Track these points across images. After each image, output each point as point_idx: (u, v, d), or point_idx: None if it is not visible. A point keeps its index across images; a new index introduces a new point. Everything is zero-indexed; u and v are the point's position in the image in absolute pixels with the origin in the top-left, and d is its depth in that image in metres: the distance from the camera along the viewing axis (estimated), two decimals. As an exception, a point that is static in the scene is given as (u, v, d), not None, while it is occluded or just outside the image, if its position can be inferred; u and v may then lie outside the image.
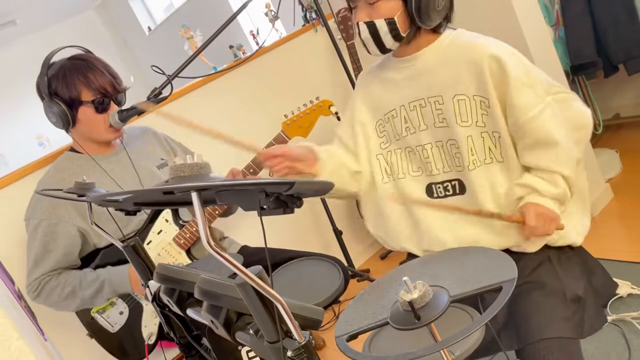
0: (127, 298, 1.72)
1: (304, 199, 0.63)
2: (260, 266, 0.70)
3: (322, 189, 0.61)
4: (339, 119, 2.12)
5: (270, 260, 1.84)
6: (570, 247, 1.23)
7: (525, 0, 2.20)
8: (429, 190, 1.30)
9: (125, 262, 1.65)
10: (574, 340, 1.08)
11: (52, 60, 1.64)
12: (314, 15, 2.75)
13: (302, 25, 2.79)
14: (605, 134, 2.90)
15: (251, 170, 1.86)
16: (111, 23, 9.80)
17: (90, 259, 1.73)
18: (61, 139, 3.59)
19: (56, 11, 8.41)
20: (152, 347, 1.73)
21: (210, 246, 0.59)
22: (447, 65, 1.23)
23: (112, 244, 1.64)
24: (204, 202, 0.62)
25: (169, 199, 0.66)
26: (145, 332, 1.72)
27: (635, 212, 2.26)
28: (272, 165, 1.30)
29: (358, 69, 2.58)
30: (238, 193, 0.60)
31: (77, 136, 1.73)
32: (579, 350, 1.09)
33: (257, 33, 2.65)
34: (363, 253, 2.89)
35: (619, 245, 2.08)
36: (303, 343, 0.67)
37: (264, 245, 1.96)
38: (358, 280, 2.51)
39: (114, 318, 1.70)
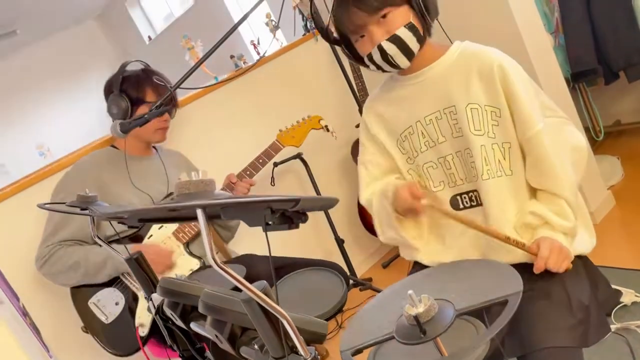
0: (124, 289, 1.75)
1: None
2: (265, 281, 0.70)
3: (327, 205, 0.61)
4: (327, 130, 2.21)
5: (274, 266, 1.87)
6: (577, 257, 1.23)
7: (525, 8, 2.21)
8: (454, 202, 1.29)
9: (135, 240, 1.79)
10: (577, 350, 1.08)
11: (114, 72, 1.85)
12: (313, 25, 2.76)
13: (303, 35, 2.80)
14: (606, 140, 2.90)
15: (247, 173, 2.03)
16: (111, 32, 9.85)
17: None
18: (62, 149, 3.60)
19: (57, 21, 8.45)
20: (145, 340, 1.73)
21: (216, 263, 0.59)
22: (458, 75, 1.23)
23: (123, 238, 1.78)
24: (209, 218, 0.62)
25: (174, 215, 0.66)
26: (137, 322, 1.74)
27: (637, 219, 2.26)
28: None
29: (359, 77, 2.59)
30: (243, 209, 0.60)
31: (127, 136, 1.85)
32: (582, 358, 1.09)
33: (258, 43, 2.65)
34: (365, 262, 2.88)
35: (622, 253, 2.08)
36: (309, 359, 0.66)
37: (266, 254, 1.96)
38: (360, 290, 2.50)
39: (110, 308, 1.73)
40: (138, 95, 1.81)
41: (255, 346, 0.77)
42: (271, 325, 0.69)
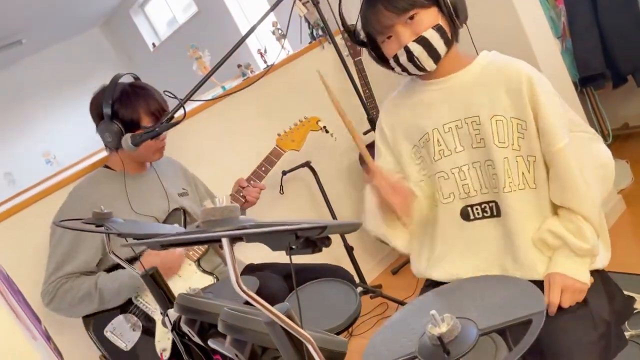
0: (138, 313, 1.73)
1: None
2: (288, 304, 0.70)
3: (351, 230, 0.61)
4: (327, 131, 2.21)
5: (285, 274, 1.87)
6: (595, 271, 1.22)
7: (532, 13, 2.21)
8: (464, 213, 1.28)
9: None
10: None
11: (105, 85, 1.76)
12: (320, 32, 2.77)
13: (309, 43, 2.81)
14: (615, 144, 2.89)
15: (252, 182, 2.01)
16: (116, 40, 9.89)
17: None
18: (68, 157, 3.61)
19: (61, 30, 8.49)
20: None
21: (241, 289, 0.59)
22: (485, 86, 1.22)
23: (130, 260, 1.71)
24: (232, 240, 0.62)
25: (198, 239, 0.66)
26: (158, 347, 1.73)
27: (646, 223, 2.25)
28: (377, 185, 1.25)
29: (366, 85, 2.59)
30: (267, 235, 0.60)
31: (122, 155, 1.81)
32: None
33: (265, 51, 2.66)
34: (374, 269, 2.88)
35: (634, 259, 2.06)
36: (333, 382, 0.66)
37: (269, 262, 1.94)
38: (371, 297, 2.50)
39: (127, 336, 1.71)
40: (132, 118, 1.71)
41: (278, 367, 0.77)
42: (294, 348, 0.69)
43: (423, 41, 1.18)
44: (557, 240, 1.18)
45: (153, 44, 9.23)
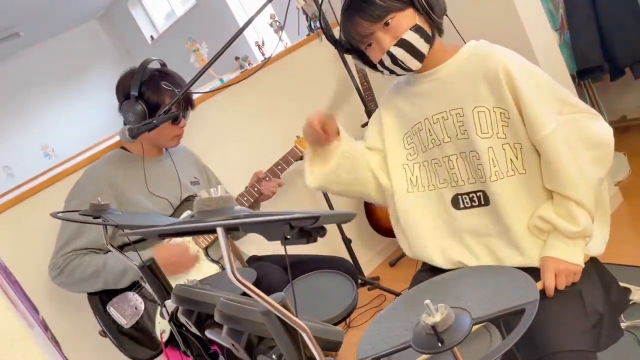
0: (143, 294, 1.75)
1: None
2: (283, 294, 0.70)
3: (345, 220, 0.61)
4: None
5: (284, 265, 1.89)
6: (591, 262, 1.23)
7: (530, 5, 2.20)
8: (455, 201, 1.31)
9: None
10: (591, 353, 1.08)
11: (134, 67, 1.80)
12: (318, 25, 2.76)
13: (307, 35, 2.80)
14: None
15: (267, 179, 2.05)
16: (114, 33, 9.86)
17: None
18: (67, 150, 3.61)
19: (59, 22, 8.46)
20: (166, 343, 1.74)
21: (236, 278, 0.60)
22: (466, 77, 1.23)
23: (139, 240, 1.75)
24: (228, 230, 0.62)
25: (194, 229, 0.66)
26: (158, 328, 1.75)
27: (642, 215, 2.26)
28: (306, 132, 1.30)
29: (364, 77, 2.59)
30: (262, 225, 0.60)
31: (141, 138, 1.78)
32: None
33: (263, 44, 2.65)
34: (372, 260, 2.89)
35: (631, 250, 2.07)
36: (328, 370, 0.67)
37: (275, 254, 1.95)
38: (369, 289, 2.51)
39: (129, 312, 1.73)
40: (158, 100, 1.76)
41: (274, 356, 0.77)
42: (290, 337, 0.69)
43: (404, 44, 1.19)
44: (548, 225, 1.19)
45: (151, 37, 9.20)
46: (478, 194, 1.27)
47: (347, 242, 2.58)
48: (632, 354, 1.62)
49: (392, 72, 1.26)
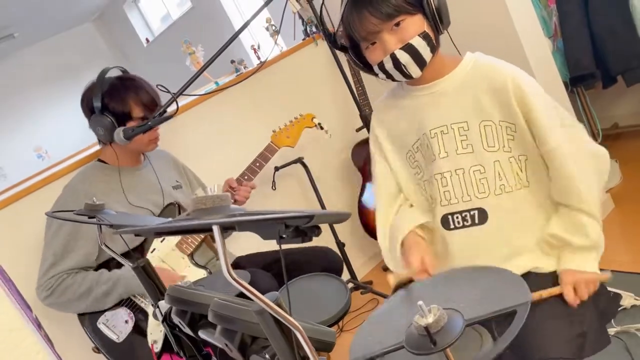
0: (132, 306, 1.74)
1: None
2: (278, 293, 0.71)
3: (340, 220, 0.62)
4: (322, 128, 2.23)
5: (272, 264, 1.89)
6: None
7: (524, 12, 2.23)
8: (445, 221, 1.27)
9: (137, 253, 1.74)
10: None
11: (93, 80, 1.76)
12: (314, 29, 2.77)
13: (303, 39, 2.81)
14: (604, 143, 2.90)
15: (245, 177, 2.03)
16: (109, 35, 9.84)
17: (106, 266, 1.76)
18: (60, 151, 3.60)
19: (54, 24, 8.44)
20: (159, 355, 1.74)
21: (232, 277, 0.60)
22: (471, 90, 1.22)
23: (127, 252, 1.70)
24: (223, 229, 0.63)
25: (190, 228, 0.67)
26: (150, 339, 1.73)
27: (637, 222, 2.27)
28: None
29: (359, 82, 2.60)
30: (258, 224, 0.61)
31: (116, 148, 1.80)
32: None
33: (259, 48, 2.66)
34: (365, 265, 2.89)
35: (622, 256, 2.09)
36: (321, 369, 0.67)
37: (257, 251, 1.94)
38: (362, 293, 2.51)
39: (120, 328, 1.71)
40: (123, 110, 1.71)
41: (267, 355, 0.78)
42: (283, 336, 0.70)
43: (410, 49, 1.16)
44: (560, 242, 1.20)
45: (147, 39, 9.20)
46: (472, 212, 1.24)
47: (340, 245, 2.58)
48: (620, 359, 1.63)
49: (389, 76, 1.22)
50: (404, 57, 1.16)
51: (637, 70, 2.37)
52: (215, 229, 0.58)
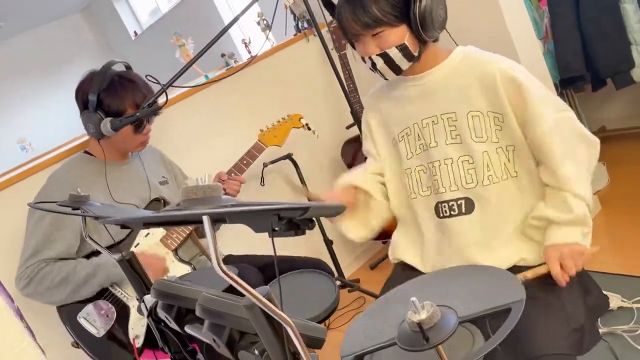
0: (114, 300, 1.71)
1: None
2: (268, 287, 0.69)
3: (335, 213, 0.60)
4: (309, 129, 2.21)
5: (261, 264, 1.87)
6: None
7: (517, 14, 2.23)
8: (437, 210, 1.30)
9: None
10: (573, 357, 1.09)
11: (94, 71, 1.73)
12: (305, 25, 2.75)
13: (294, 35, 2.79)
14: (592, 146, 2.93)
15: (233, 175, 2.01)
16: (97, 26, 9.72)
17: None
18: (44, 144, 3.54)
19: (41, 14, 8.31)
20: (140, 351, 1.71)
21: (221, 269, 0.59)
22: (459, 81, 1.24)
23: (112, 245, 1.67)
24: (215, 221, 0.61)
25: (180, 219, 0.65)
26: (131, 334, 1.70)
27: (623, 224, 2.29)
28: None
29: (350, 78, 2.58)
30: (250, 215, 0.59)
31: (104, 144, 1.76)
32: None
33: (249, 42, 2.64)
34: (353, 263, 2.88)
35: (608, 258, 2.10)
36: (312, 366, 0.66)
37: (247, 253, 1.93)
38: (349, 291, 2.50)
39: (100, 322, 1.68)
40: (118, 109, 1.67)
41: (256, 351, 0.76)
42: (274, 331, 0.68)
43: (386, 57, 1.21)
44: (542, 221, 1.20)
45: (135, 32, 9.09)
46: (459, 202, 1.26)
47: (328, 243, 2.57)
48: None
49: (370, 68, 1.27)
50: (379, 63, 1.22)
51: (627, 73, 2.38)
52: (206, 220, 0.55)
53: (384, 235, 1.82)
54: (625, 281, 1.93)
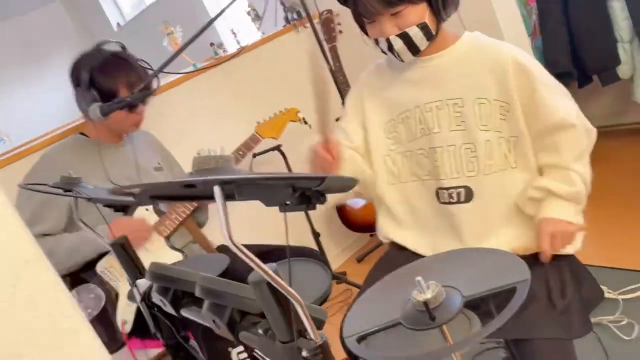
0: (102, 285, 1.68)
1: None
2: (275, 265, 0.68)
3: (349, 185, 0.60)
4: (305, 122, 2.21)
5: (259, 253, 1.85)
6: (562, 256, 1.24)
7: (507, 10, 2.25)
8: (438, 195, 1.29)
9: None
10: (569, 342, 1.10)
11: (88, 50, 1.71)
12: (295, 16, 2.74)
13: (284, 26, 2.78)
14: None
15: (240, 153, 2.01)
16: (78, 16, 9.54)
17: None
18: (23, 135, 3.46)
19: (20, 2, 8.14)
20: (128, 336, 1.68)
21: (232, 242, 0.58)
22: (469, 67, 1.22)
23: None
24: (226, 197, 0.60)
25: (189, 193, 0.64)
26: (119, 319, 1.68)
27: (605, 217, 2.32)
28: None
29: (340, 70, 2.58)
30: (262, 188, 0.58)
31: (97, 123, 1.74)
32: (574, 353, 1.11)
33: (238, 32, 2.62)
34: (340, 255, 2.89)
35: (591, 251, 2.11)
36: (320, 343, 0.65)
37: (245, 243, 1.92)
38: (337, 283, 2.50)
39: (89, 303, 1.65)
40: (110, 89, 1.65)
41: (260, 330, 0.75)
42: (281, 309, 0.67)
43: (405, 37, 1.18)
44: (543, 192, 1.20)
45: (118, 24, 8.96)
46: (459, 190, 1.25)
47: (315, 235, 2.57)
48: (595, 351, 1.66)
49: (382, 51, 1.24)
50: (398, 44, 1.19)
51: (613, 70, 2.42)
52: (216, 189, 0.54)
53: (371, 228, 1.83)
54: (610, 273, 1.96)
